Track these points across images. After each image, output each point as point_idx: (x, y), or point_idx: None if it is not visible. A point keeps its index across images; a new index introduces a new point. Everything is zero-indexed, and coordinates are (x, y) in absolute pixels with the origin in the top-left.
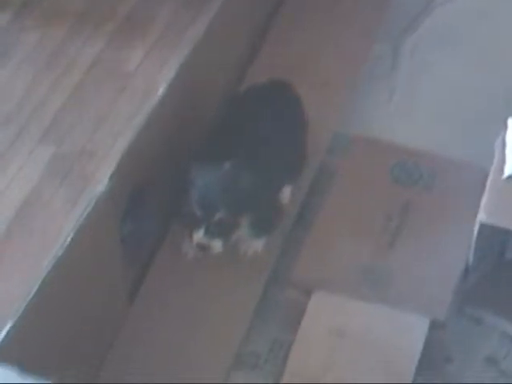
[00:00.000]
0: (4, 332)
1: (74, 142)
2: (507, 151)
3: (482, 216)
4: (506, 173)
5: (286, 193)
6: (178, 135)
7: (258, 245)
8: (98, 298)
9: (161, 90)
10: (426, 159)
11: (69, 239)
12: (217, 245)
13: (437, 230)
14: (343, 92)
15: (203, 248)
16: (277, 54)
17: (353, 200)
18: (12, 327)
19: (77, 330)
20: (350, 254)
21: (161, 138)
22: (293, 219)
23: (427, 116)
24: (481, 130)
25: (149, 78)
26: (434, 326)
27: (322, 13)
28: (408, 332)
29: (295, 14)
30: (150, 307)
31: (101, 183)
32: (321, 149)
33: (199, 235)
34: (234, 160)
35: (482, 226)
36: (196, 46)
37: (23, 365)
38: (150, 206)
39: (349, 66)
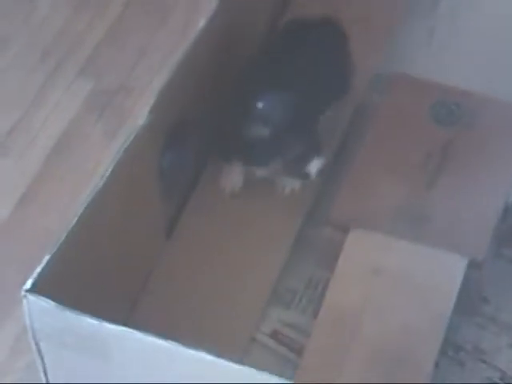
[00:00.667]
0: (41, 265)
1: (113, 76)
2: None
3: None
4: None
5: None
6: (217, 70)
7: (295, 182)
8: (135, 234)
9: (200, 24)
10: (468, 98)
11: (107, 173)
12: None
13: (477, 169)
14: (383, 29)
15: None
16: None
17: (392, 139)
18: (49, 260)
19: (113, 265)
20: (388, 192)
21: (200, 72)
22: (331, 158)
23: (469, 55)
24: None
25: (189, 10)
26: (472, 265)
27: None
28: (445, 271)
29: None
30: (187, 244)
31: (140, 117)
32: (360, 87)
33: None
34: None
35: None
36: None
37: (60, 298)
38: (189, 141)
39: (390, 1)
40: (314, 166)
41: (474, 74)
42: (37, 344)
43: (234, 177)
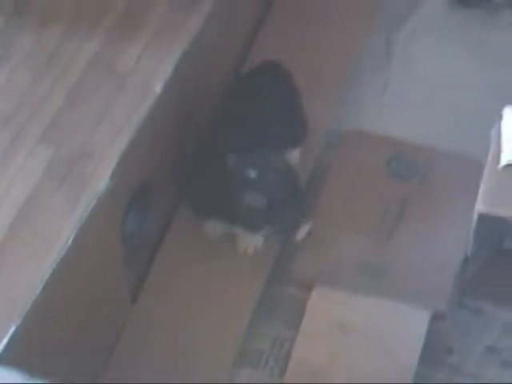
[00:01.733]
0: (8, 335)
1: (74, 142)
2: (503, 140)
3: (479, 206)
4: (503, 162)
5: (295, 155)
6: (177, 131)
7: (257, 241)
8: (100, 300)
9: (158, 87)
10: (422, 152)
11: (70, 241)
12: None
13: (435, 221)
14: (338, 86)
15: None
16: (272, 46)
17: (350, 194)
18: (16, 330)
19: (80, 330)
20: (349, 247)
21: (159, 135)
22: None
23: (422, 108)
24: (475, 121)
25: (147, 73)
26: (435, 317)
27: (316, 6)
28: (409, 324)
29: (289, 6)
30: (152, 308)
31: (100, 183)
32: (316, 143)
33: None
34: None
35: (480, 216)
36: (193, 41)
37: (28, 368)
38: (152, 203)
39: (343, 59)
40: (302, 232)
41: (429, 129)
42: None
43: (215, 227)
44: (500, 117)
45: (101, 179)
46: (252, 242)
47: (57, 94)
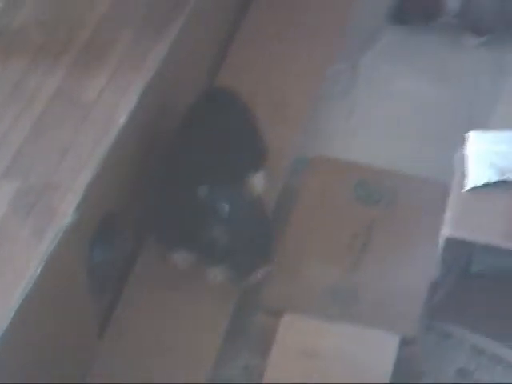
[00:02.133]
0: None
1: (39, 175)
2: (468, 164)
3: (445, 230)
4: (468, 185)
5: (259, 180)
6: (141, 162)
7: (226, 270)
8: (67, 335)
9: (122, 119)
10: (388, 176)
11: (38, 272)
12: None
13: (402, 246)
14: (303, 112)
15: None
16: (237, 76)
17: (317, 221)
18: None
19: (48, 363)
20: (317, 274)
21: (124, 167)
22: None
23: (387, 132)
24: (440, 144)
25: (111, 105)
26: (405, 341)
27: (280, 35)
28: (379, 349)
29: (253, 35)
30: (119, 342)
31: (67, 215)
32: (283, 170)
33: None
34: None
35: (447, 240)
36: (156, 72)
37: None
38: (118, 234)
39: (308, 85)
40: (260, 275)
41: (395, 153)
42: None
43: (184, 257)
44: (464, 140)
45: (67, 211)
46: (221, 270)
47: (22, 125)
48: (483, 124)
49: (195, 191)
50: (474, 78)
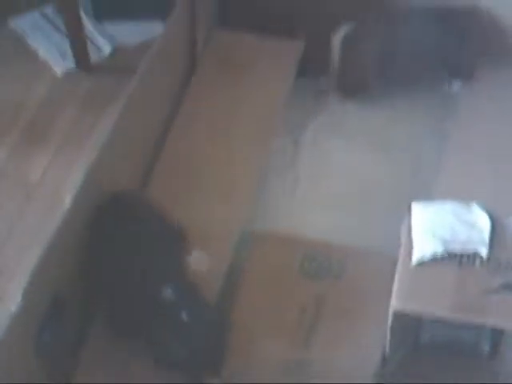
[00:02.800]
0: None
1: None
2: (413, 236)
3: (394, 303)
4: (415, 258)
5: (200, 258)
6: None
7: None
8: None
9: (67, 199)
10: (335, 250)
11: None
12: None
13: (351, 319)
14: (249, 187)
15: None
16: (182, 150)
17: (265, 296)
18: None
19: None
20: (267, 351)
21: (70, 250)
22: None
23: (332, 206)
24: (385, 215)
25: (54, 185)
26: None
27: (223, 108)
28: None
29: (197, 110)
30: None
31: (12, 302)
32: (229, 245)
33: None
34: None
35: (396, 313)
36: (100, 152)
37: None
38: (67, 317)
39: (253, 159)
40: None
41: (340, 226)
42: None
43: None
44: (409, 211)
45: (13, 297)
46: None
47: None
48: (427, 193)
49: (156, 290)
50: (415, 147)
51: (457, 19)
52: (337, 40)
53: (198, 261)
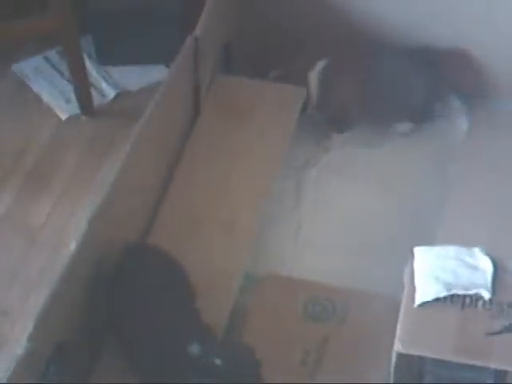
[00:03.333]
0: None
1: None
2: (416, 279)
3: (397, 346)
4: (417, 301)
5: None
6: (94, 288)
7: None
8: None
9: (72, 244)
10: (338, 292)
11: None
12: None
13: (355, 362)
14: (251, 231)
15: None
16: (185, 195)
17: (268, 340)
18: None
19: None
20: None
21: (78, 290)
22: None
23: (335, 248)
24: (387, 258)
25: (58, 229)
26: None
27: (225, 153)
28: None
29: (199, 156)
30: None
31: (19, 343)
32: (232, 290)
33: None
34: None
35: (399, 356)
36: (104, 198)
37: None
38: (71, 362)
39: (255, 203)
40: None
41: (343, 268)
42: None
43: None
44: (412, 255)
45: (17, 340)
46: None
47: None
48: (430, 234)
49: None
50: (419, 189)
51: (434, 58)
52: (314, 75)
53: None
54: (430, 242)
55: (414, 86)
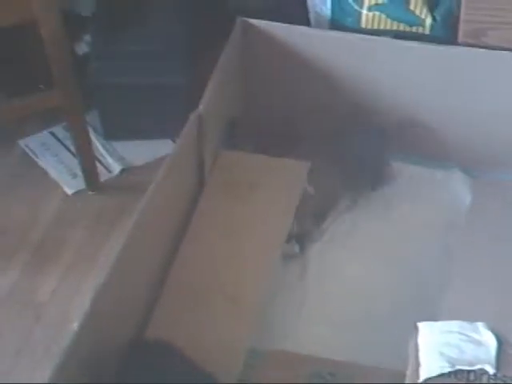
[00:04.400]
0: None
1: None
2: (421, 354)
3: None
4: (422, 377)
5: None
6: (98, 363)
7: None
8: None
9: (75, 324)
10: (342, 367)
11: None
12: None
13: None
14: (255, 306)
15: None
16: (189, 270)
17: None
18: None
19: None
20: None
21: (81, 369)
22: None
23: (339, 322)
24: (392, 331)
25: (63, 305)
26: None
27: (229, 228)
28: None
29: (203, 231)
30: None
31: None
32: (236, 366)
33: None
34: None
35: None
36: (109, 271)
37: None
38: None
39: (258, 276)
40: None
41: (347, 342)
42: None
43: None
44: (416, 328)
45: None
46: None
47: None
48: (433, 307)
49: None
50: (421, 261)
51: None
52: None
53: None
54: (433, 314)
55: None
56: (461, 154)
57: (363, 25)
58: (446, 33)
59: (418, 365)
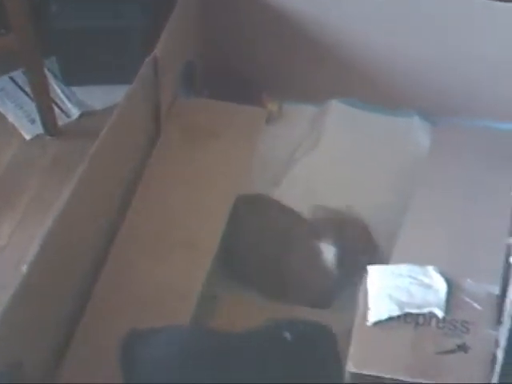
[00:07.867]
0: None
1: None
2: (370, 298)
3: (350, 365)
4: (371, 320)
5: None
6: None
7: None
8: None
9: (24, 268)
10: None
11: None
12: None
13: None
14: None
15: None
16: (144, 218)
17: None
18: None
19: None
20: None
21: (26, 314)
22: None
23: None
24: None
25: (20, 250)
26: None
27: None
28: None
29: (162, 175)
30: None
31: None
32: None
33: None
34: None
35: (352, 375)
36: (56, 221)
37: None
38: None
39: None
40: None
41: None
42: None
43: None
44: (366, 272)
45: None
46: None
47: None
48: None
49: None
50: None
51: None
52: None
53: None
54: (383, 258)
55: None
56: (420, 101)
57: None
58: None
59: (366, 309)
